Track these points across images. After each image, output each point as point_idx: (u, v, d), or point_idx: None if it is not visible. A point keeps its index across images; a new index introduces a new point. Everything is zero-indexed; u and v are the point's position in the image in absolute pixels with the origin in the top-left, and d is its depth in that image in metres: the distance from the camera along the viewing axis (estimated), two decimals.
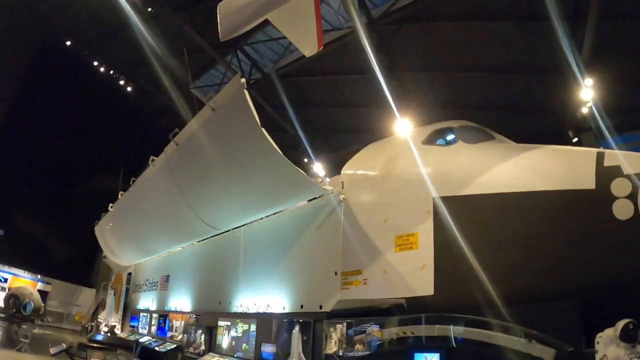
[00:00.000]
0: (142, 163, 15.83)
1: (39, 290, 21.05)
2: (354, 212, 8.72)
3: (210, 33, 21.49)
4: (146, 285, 19.35)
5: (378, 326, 7.02)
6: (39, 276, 23.22)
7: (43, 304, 19.38)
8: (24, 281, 22.09)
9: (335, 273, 8.43)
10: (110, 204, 18.05)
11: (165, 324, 15.49)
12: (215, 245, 13.74)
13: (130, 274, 21.38)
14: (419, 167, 7.76)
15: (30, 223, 25.88)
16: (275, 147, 8.21)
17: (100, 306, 21.87)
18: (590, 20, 14.27)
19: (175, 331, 14.56)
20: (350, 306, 7.88)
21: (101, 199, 21.35)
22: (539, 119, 20.52)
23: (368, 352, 7.00)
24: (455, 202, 6.92)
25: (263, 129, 8.07)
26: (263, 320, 10.08)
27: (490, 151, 7.41)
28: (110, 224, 18.54)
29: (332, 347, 7.73)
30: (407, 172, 7.95)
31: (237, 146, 9.08)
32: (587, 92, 15.86)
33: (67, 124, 25.98)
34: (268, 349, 9.49)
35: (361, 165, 9.42)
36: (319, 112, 25.23)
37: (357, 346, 7.17)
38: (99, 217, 20.88)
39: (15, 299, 17.48)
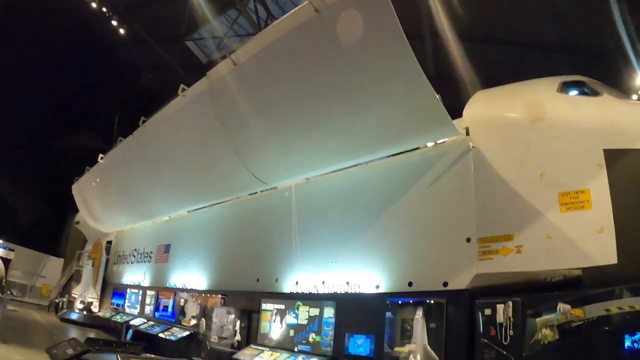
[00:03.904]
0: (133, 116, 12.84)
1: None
2: (492, 164, 6.74)
3: None
4: (133, 256, 16.32)
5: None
6: (0, 241, 19.47)
7: (5, 274, 15.95)
8: None
9: (468, 240, 6.54)
10: (101, 155, 14.82)
11: (169, 304, 12.60)
12: (247, 208, 11.03)
13: (109, 242, 18.24)
14: (580, 114, 6.41)
15: None
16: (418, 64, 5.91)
17: (73, 279, 18.55)
18: None
19: (185, 314, 11.74)
20: (497, 281, 6.13)
21: (76, 156, 18.35)
22: None
23: (558, 338, 5.09)
24: (634, 156, 5.87)
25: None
26: (347, 302, 7.55)
27: None
28: (98, 180, 15.33)
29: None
30: (566, 119, 6.46)
31: (349, 62, 6.50)
32: None
33: (44, 66, 22.03)
34: (360, 341, 6.93)
35: (491, 111, 7.26)
36: None
37: (544, 331, 5.21)
38: (76, 175, 17.69)
39: None
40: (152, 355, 7.94)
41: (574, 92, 6.82)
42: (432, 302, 6.23)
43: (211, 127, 9.04)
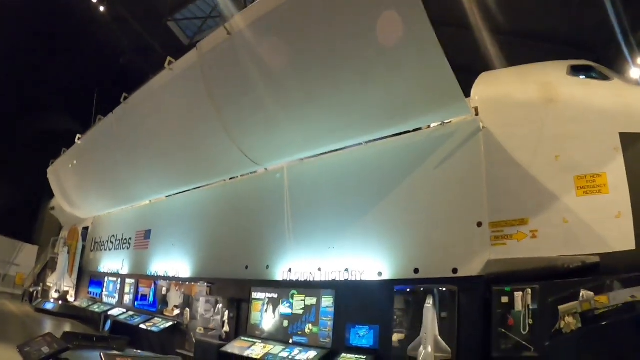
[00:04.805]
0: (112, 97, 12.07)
1: None
2: (504, 145, 6.40)
3: None
4: (111, 242, 15.57)
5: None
6: None
7: None
8: None
9: (479, 224, 6.23)
10: (78, 135, 13.98)
11: (150, 293, 11.96)
12: (235, 191, 10.43)
13: (86, 228, 17.42)
14: (594, 97, 6.17)
15: None
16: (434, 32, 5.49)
17: (48, 267, 17.68)
18: None
19: (167, 304, 11.14)
20: (511, 268, 5.79)
21: (53, 138, 17.40)
22: None
23: (581, 326, 4.89)
24: None
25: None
26: (348, 291, 7.08)
27: None
28: (75, 162, 14.50)
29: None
30: (580, 102, 6.21)
31: (356, 30, 5.97)
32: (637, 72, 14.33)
33: (19, 43, 20.88)
34: (363, 332, 6.48)
35: (501, 91, 6.88)
36: None
37: (567, 319, 5.00)
38: (52, 158, 16.80)
39: None
40: (138, 351, 7.28)
41: (582, 76, 6.49)
42: (444, 289, 5.79)
43: (201, 103, 8.38)
